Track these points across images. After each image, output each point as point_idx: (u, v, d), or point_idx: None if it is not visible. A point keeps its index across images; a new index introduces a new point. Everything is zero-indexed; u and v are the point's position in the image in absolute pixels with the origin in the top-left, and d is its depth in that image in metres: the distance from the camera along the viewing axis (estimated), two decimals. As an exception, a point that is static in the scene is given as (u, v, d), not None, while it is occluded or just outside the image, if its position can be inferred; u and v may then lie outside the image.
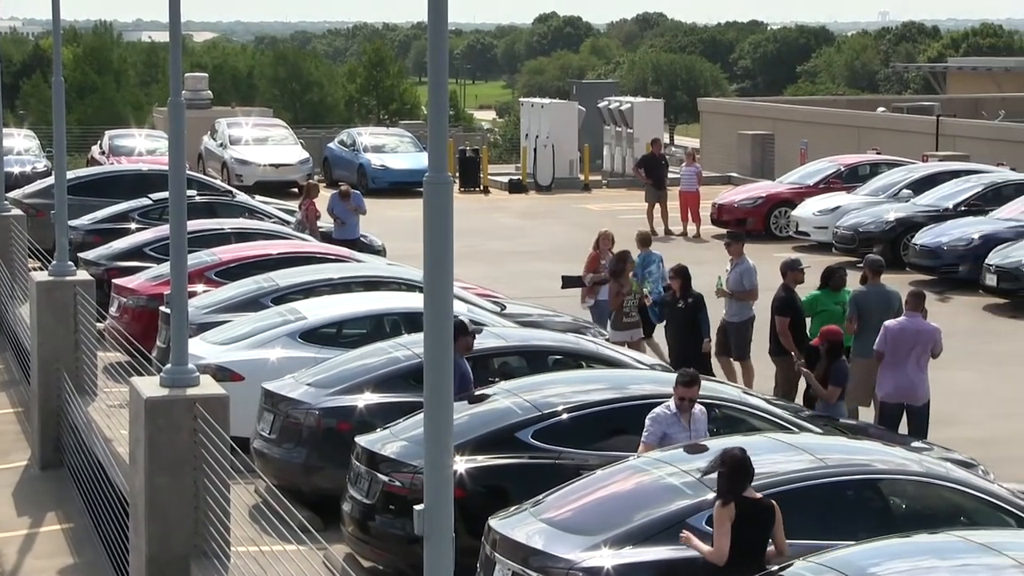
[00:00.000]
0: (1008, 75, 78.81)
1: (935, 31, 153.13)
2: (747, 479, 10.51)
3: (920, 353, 16.91)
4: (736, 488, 10.45)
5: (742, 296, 20.24)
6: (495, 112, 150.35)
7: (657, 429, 12.68)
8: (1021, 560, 9.31)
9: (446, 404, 7.75)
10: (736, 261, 20.53)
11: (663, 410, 12.81)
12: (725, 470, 10.53)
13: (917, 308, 17.08)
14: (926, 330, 16.97)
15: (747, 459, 10.56)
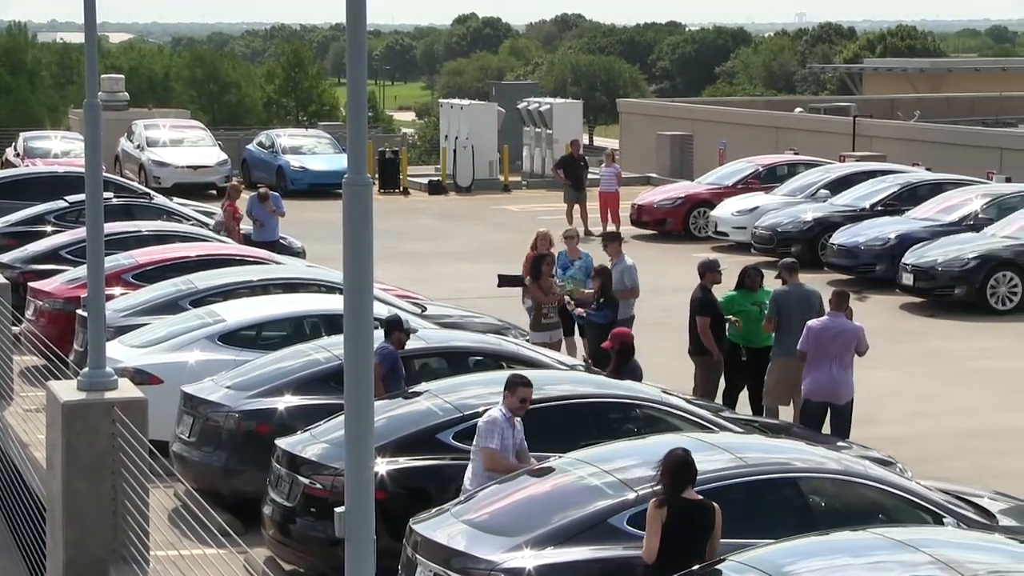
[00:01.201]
0: (923, 76, 79.60)
1: (851, 32, 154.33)
2: (688, 480, 10.48)
3: (842, 352, 17.02)
4: (676, 488, 10.43)
5: (624, 295, 20.32)
6: (414, 113, 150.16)
7: (498, 432, 12.54)
8: (937, 556, 9.40)
9: (366, 406, 7.73)
10: (615, 260, 20.62)
11: (498, 414, 12.64)
12: (666, 469, 10.50)
13: (840, 307, 17.20)
14: (848, 329, 17.09)
15: (689, 460, 10.53)
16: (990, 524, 11.73)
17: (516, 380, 12.81)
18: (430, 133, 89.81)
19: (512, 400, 12.66)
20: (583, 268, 21.39)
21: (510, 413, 12.63)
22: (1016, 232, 27.48)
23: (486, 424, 12.58)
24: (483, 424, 12.61)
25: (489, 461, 12.40)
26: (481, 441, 12.52)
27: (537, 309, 20.70)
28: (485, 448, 12.47)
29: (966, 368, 22.77)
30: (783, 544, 10.00)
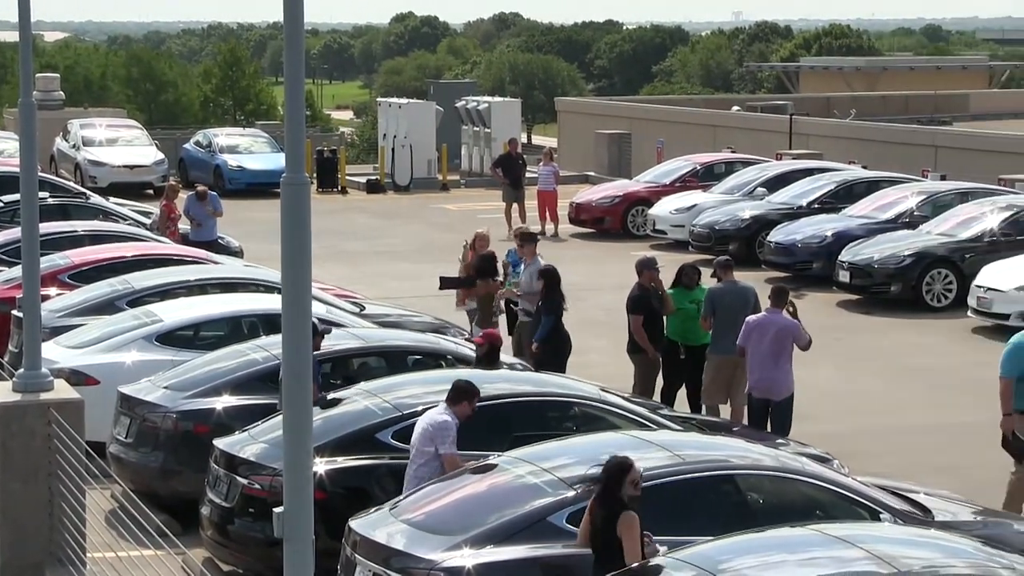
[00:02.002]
0: (858, 74, 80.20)
1: (787, 31, 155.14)
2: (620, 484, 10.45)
3: (779, 348, 17.11)
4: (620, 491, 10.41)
5: (532, 298, 20.35)
6: (352, 112, 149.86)
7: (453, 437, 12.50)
8: (873, 552, 9.47)
9: (305, 406, 7.72)
10: (528, 261, 20.63)
11: (449, 418, 12.58)
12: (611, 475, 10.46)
13: (779, 304, 17.29)
14: (784, 325, 17.19)
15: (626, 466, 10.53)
16: (926, 519, 11.82)
17: (468, 388, 12.77)
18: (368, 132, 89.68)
19: (462, 407, 12.62)
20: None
21: (457, 420, 12.58)
22: (951, 229, 27.70)
23: (440, 429, 12.50)
24: (436, 429, 12.53)
25: (453, 467, 12.36)
26: (443, 447, 12.46)
27: (487, 307, 20.69)
28: (448, 455, 12.43)
29: (902, 365, 22.93)
30: (721, 541, 10.05)
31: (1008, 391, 14.87)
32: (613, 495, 10.38)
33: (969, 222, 27.77)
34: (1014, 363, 14.88)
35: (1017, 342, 15.00)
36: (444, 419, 12.58)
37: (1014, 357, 14.91)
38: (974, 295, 25.24)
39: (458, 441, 12.65)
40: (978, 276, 25.43)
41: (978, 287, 25.17)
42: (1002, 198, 29.04)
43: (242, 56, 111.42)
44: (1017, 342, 15.00)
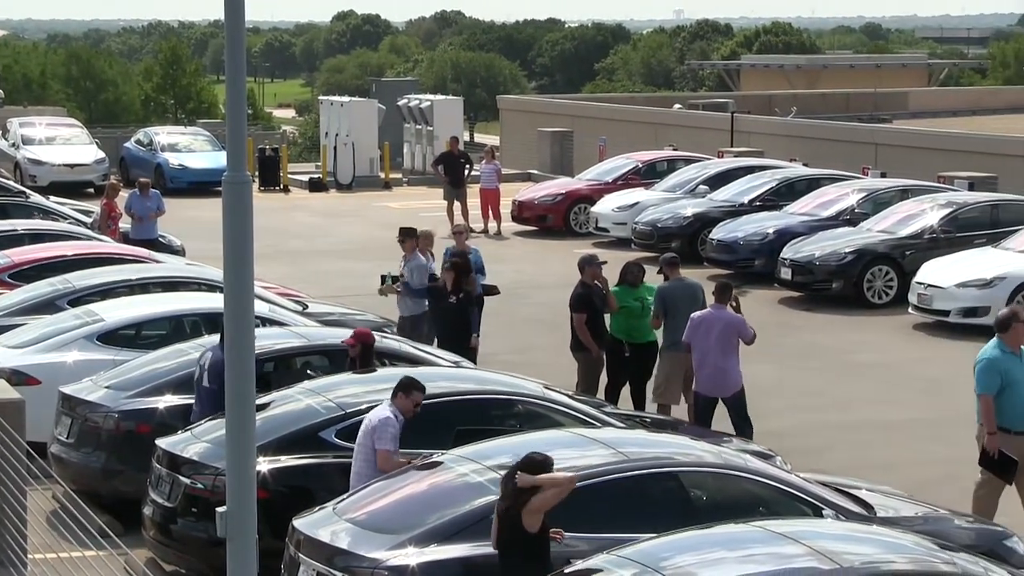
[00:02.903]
0: (799, 72, 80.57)
1: (728, 29, 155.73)
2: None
3: (725, 344, 17.18)
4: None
5: (416, 293, 20.41)
6: (294, 110, 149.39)
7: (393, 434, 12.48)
8: (815, 548, 9.52)
9: (248, 405, 7.70)
10: (409, 257, 20.67)
11: (391, 414, 12.55)
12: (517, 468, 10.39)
13: (723, 300, 17.38)
14: (730, 320, 17.28)
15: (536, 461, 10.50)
16: (868, 516, 11.89)
17: (412, 384, 12.75)
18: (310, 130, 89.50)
19: (406, 403, 12.61)
20: (472, 262, 21.41)
21: (402, 416, 12.58)
22: (892, 227, 27.87)
23: (381, 425, 12.49)
24: (378, 424, 12.52)
25: (385, 463, 12.35)
26: (379, 443, 12.45)
27: None
28: (382, 451, 12.41)
29: (843, 361, 23.06)
30: (663, 538, 10.08)
31: (990, 408, 14.35)
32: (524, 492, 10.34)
33: (909, 219, 27.96)
34: (991, 378, 14.35)
35: (990, 356, 14.43)
36: (385, 415, 12.55)
37: (990, 372, 14.37)
38: (915, 292, 25.41)
39: (402, 439, 12.64)
40: (918, 273, 25.61)
41: (918, 284, 25.35)
42: (942, 195, 29.26)
43: (183, 54, 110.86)
44: (990, 356, 14.43)
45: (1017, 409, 14.33)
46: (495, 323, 22.92)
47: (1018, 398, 14.32)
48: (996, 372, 14.31)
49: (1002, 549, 11.96)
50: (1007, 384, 14.30)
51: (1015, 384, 14.30)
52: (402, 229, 21.23)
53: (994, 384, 14.32)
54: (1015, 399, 14.31)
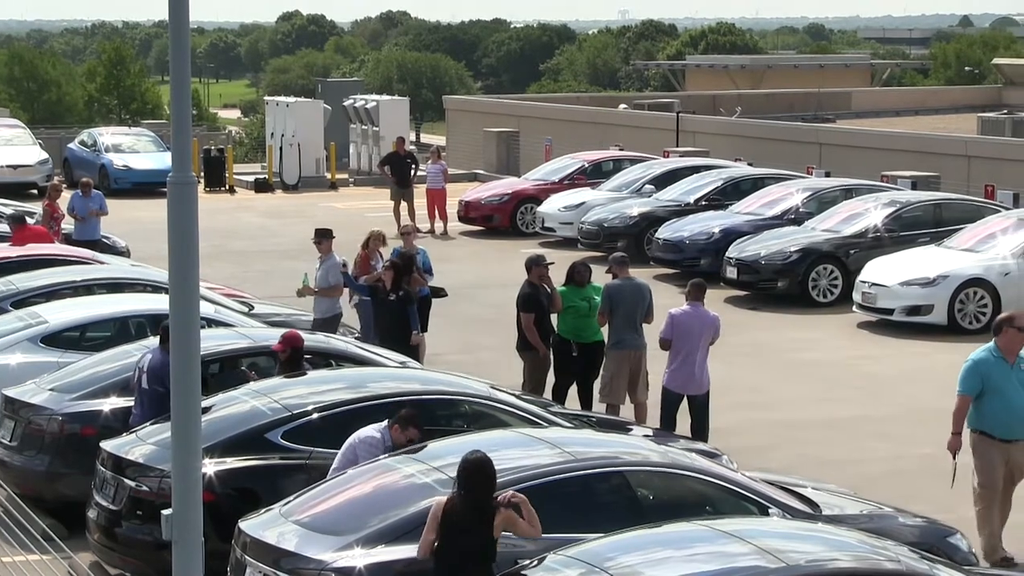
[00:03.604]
0: (744, 72, 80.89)
1: (673, 29, 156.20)
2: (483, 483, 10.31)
3: (705, 342, 17.33)
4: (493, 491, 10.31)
5: (327, 293, 20.38)
6: (240, 111, 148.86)
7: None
8: (761, 546, 9.56)
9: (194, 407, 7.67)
10: (324, 258, 20.65)
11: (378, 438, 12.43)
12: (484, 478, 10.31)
13: (699, 298, 17.45)
14: (710, 319, 17.40)
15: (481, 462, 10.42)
16: (814, 514, 11.94)
17: (411, 421, 12.52)
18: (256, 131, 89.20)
19: (400, 437, 12.45)
20: (420, 263, 21.41)
21: (392, 445, 12.43)
22: (836, 226, 28.01)
23: (368, 448, 12.40)
24: (363, 447, 12.43)
25: None
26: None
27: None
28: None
29: (789, 360, 23.16)
30: (610, 538, 10.09)
31: (962, 410, 14.05)
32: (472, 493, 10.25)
33: (853, 218, 28.12)
34: (973, 380, 14.01)
35: (976, 358, 14.10)
36: (374, 436, 12.44)
37: (972, 373, 14.02)
38: (859, 290, 25.55)
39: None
40: (863, 271, 25.76)
41: (863, 282, 25.49)
42: (885, 194, 29.44)
43: (127, 55, 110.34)
44: (976, 358, 14.10)
45: (1000, 415, 14.00)
46: (442, 323, 22.91)
47: (1003, 404, 13.98)
48: (978, 375, 14.00)
49: (946, 546, 12.04)
50: (991, 389, 13.96)
51: (1001, 390, 13.97)
52: (317, 230, 21.12)
53: (973, 386, 14.00)
54: (1000, 405, 13.97)
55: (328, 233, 21.01)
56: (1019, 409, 13.97)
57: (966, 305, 24.72)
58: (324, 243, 20.85)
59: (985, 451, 14.07)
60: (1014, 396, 13.95)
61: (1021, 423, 14.03)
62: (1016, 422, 14.00)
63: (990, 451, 14.04)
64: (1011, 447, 14.05)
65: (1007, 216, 26.85)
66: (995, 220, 26.68)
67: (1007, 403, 13.95)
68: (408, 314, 19.37)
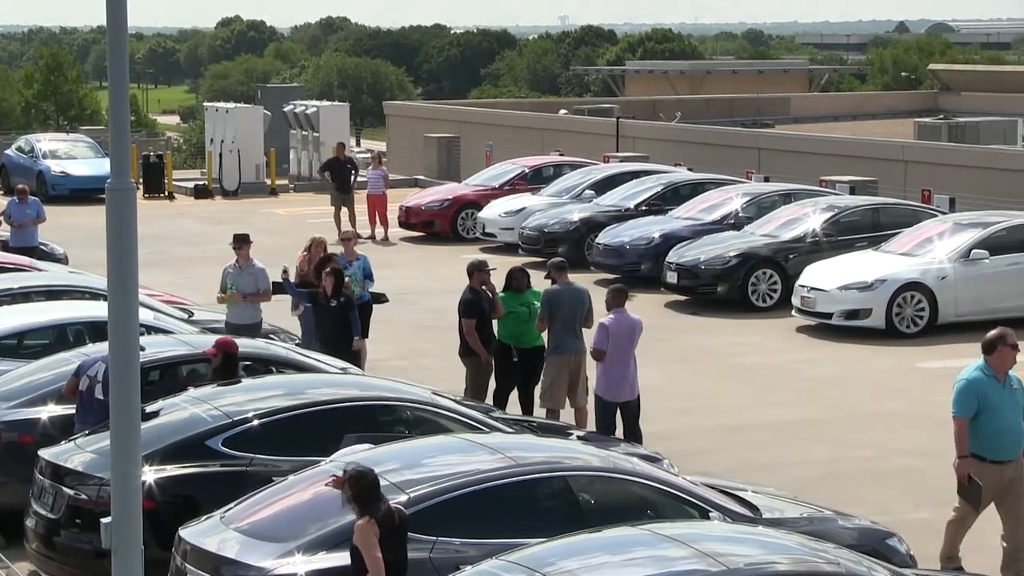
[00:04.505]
0: (683, 78, 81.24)
1: (612, 35, 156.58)
2: (378, 489, 10.23)
3: (632, 347, 17.37)
4: (372, 501, 10.18)
5: (256, 298, 20.30)
6: (179, 117, 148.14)
7: None
8: (701, 550, 9.60)
9: (133, 414, 7.64)
10: (245, 264, 20.52)
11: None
12: (360, 489, 10.18)
13: (622, 304, 17.49)
14: (636, 323, 17.46)
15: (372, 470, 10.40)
16: (754, 517, 12.00)
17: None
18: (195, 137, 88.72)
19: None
20: (361, 269, 21.36)
21: None
22: (775, 230, 28.16)
23: None
24: None
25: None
26: None
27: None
28: None
29: (729, 364, 23.26)
30: (551, 543, 10.10)
31: (963, 432, 13.40)
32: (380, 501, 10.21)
33: (792, 223, 28.27)
34: (968, 401, 13.39)
35: (969, 377, 13.49)
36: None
37: (968, 394, 13.40)
38: (798, 295, 25.70)
39: (288, 447, 12.58)
40: (801, 276, 25.90)
41: (802, 287, 25.63)
42: (823, 199, 29.62)
43: (65, 60, 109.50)
44: (969, 377, 13.49)
45: (991, 437, 13.43)
46: (383, 329, 22.88)
47: (994, 425, 13.40)
48: (973, 395, 13.39)
49: (885, 548, 12.13)
50: (984, 409, 13.39)
51: (993, 410, 13.40)
52: (236, 235, 20.79)
53: (970, 407, 13.40)
54: (991, 426, 13.41)
55: (247, 238, 20.74)
56: (1012, 429, 13.44)
57: (904, 309, 24.90)
58: (243, 248, 20.58)
59: (976, 474, 13.45)
60: (1008, 416, 13.43)
61: (1014, 444, 13.50)
62: (1009, 443, 13.47)
63: (982, 475, 13.42)
64: (1004, 468, 13.50)
65: (944, 220, 27.07)
66: (932, 224, 26.90)
67: (1001, 423, 13.40)
68: (349, 320, 19.33)
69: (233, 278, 20.34)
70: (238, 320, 20.04)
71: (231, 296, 20.24)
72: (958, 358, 23.35)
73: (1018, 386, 13.58)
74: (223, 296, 20.39)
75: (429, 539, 10.98)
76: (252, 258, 20.55)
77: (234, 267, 20.49)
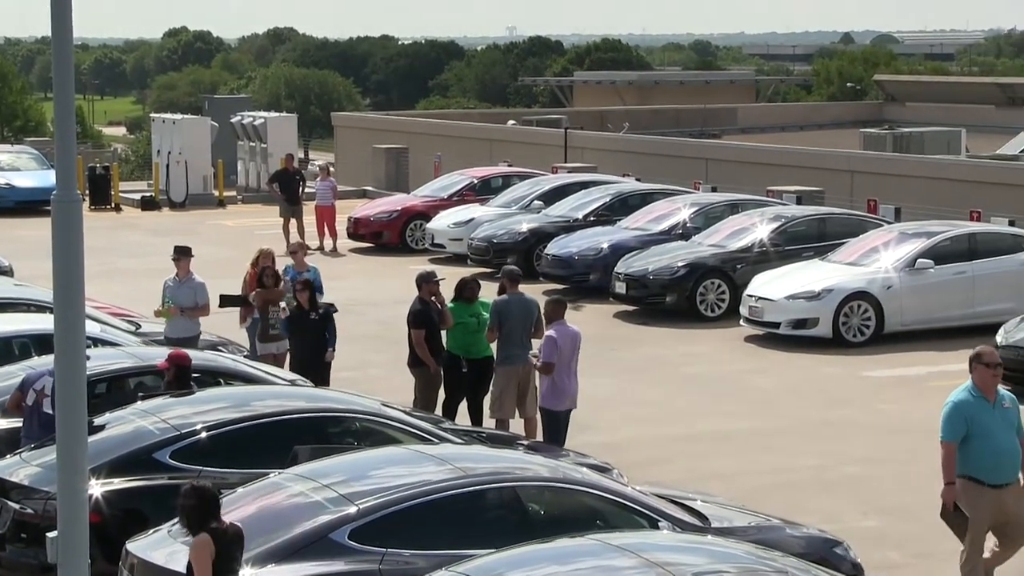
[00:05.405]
0: (631, 89, 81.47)
1: (559, 46, 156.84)
2: (217, 507, 10.16)
3: (575, 358, 17.40)
4: (208, 518, 10.08)
5: (196, 313, 20.23)
6: (126, 128, 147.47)
7: None
8: (650, 559, 9.60)
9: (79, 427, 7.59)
10: (185, 278, 20.42)
11: None
12: (195, 503, 10.09)
13: (561, 315, 17.53)
14: (577, 334, 17.52)
15: (212, 487, 10.33)
16: (703, 526, 12.03)
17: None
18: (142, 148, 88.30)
19: None
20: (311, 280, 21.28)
21: None
22: (723, 240, 28.25)
23: None
24: None
25: None
26: None
27: (264, 320, 20.47)
28: None
29: (678, 374, 23.31)
30: (501, 553, 10.10)
31: (951, 457, 12.83)
32: (212, 519, 10.12)
33: (740, 233, 28.38)
34: (955, 424, 12.86)
35: (956, 400, 12.96)
36: None
37: (955, 417, 12.86)
38: (746, 304, 25.79)
39: (238, 460, 12.53)
40: (749, 286, 26.00)
41: (749, 296, 25.73)
42: (770, 209, 29.75)
43: (9, 72, 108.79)
44: (956, 400, 12.96)
45: (987, 459, 12.88)
46: (331, 341, 22.80)
47: (990, 446, 12.87)
48: (961, 418, 12.86)
49: (833, 556, 12.17)
50: (976, 432, 12.84)
51: (984, 432, 12.86)
52: (177, 247, 20.65)
53: (957, 431, 12.85)
54: (986, 448, 12.87)
55: (188, 250, 20.64)
56: (1007, 451, 12.93)
57: (850, 318, 25.03)
58: (183, 260, 20.49)
59: (975, 499, 12.89)
60: (1000, 437, 12.90)
61: (1010, 465, 12.98)
62: (1006, 465, 12.95)
63: (980, 499, 12.89)
64: (1002, 492, 12.94)
65: (889, 230, 27.23)
66: (878, 234, 27.06)
67: (994, 445, 12.87)
68: (327, 332, 19.42)
69: (172, 291, 20.25)
70: (175, 334, 19.84)
71: (168, 310, 20.11)
72: (904, 367, 23.55)
73: (1011, 405, 13.04)
74: (160, 310, 20.28)
75: (379, 551, 10.96)
76: (192, 272, 20.45)
77: (174, 280, 20.41)
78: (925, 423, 19.76)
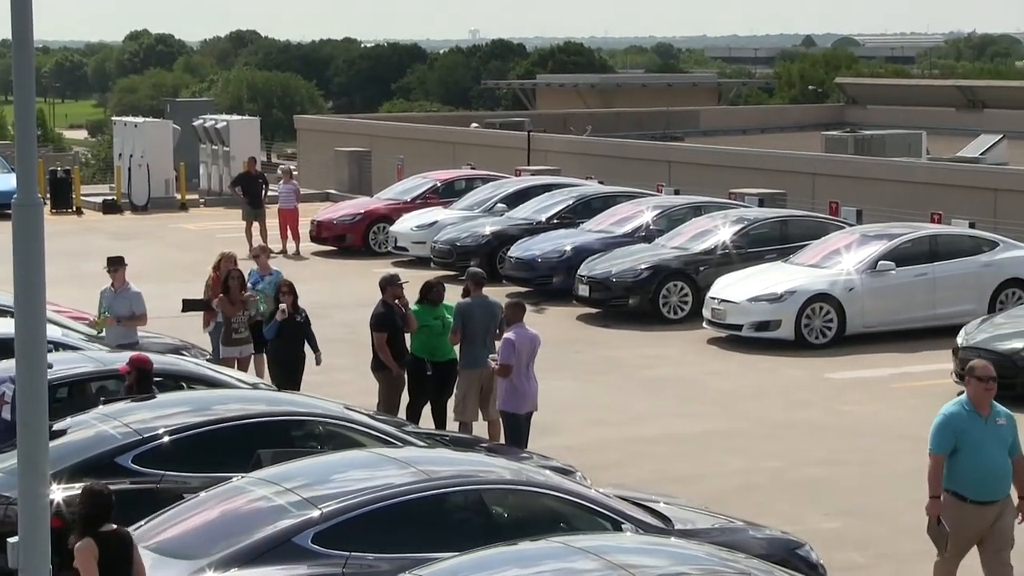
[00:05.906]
0: (594, 91, 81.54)
1: (522, 49, 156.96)
2: (108, 512, 10.17)
3: (532, 361, 17.41)
4: (96, 522, 10.10)
5: (133, 322, 20.17)
6: (87, 131, 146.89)
7: None
8: (613, 561, 9.62)
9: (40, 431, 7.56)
10: (121, 288, 20.39)
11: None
12: (83, 509, 10.12)
13: (520, 318, 17.53)
14: (535, 337, 17.51)
15: (108, 492, 10.30)
16: (666, 528, 12.05)
17: None
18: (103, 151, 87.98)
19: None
20: (273, 283, 21.25)
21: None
22: (686, 243, 28.33)
23: None
24: None
25: None
26: None
27: (227, 324, 20.43)
28: None
29: (641, 376, 23.35)
30: (464, 556, 10.10)
31: (938, 469, 12.45)
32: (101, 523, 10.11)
33: (702, 235, 28.45)
34: (943, 437, 12.49)
35: (947, 412, 12.60)
36: None
37: (944, 430, 12.50)
38: (709, 307, 25.86)
39: (199, 464, 12.49)
40: (712, 288, 26.07)
41: (712, 299, 25.80)
42: (733, 211, 29.84)
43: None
44: (947, 412, 12.60)
45: (970, 474, 12.49)
46: (294, 344, 22.75)
47: (977, 462, 12.49)
48: (950, 430, 12.48)
49: (795, 558, 12.21)
50: (965, 446, 12.46)
51: (973, 447, 12.48)
52: (110, 258, 20.55)
53: (945, 444, 12.47)
54: (973, 463, 12.49)
55: (121, 260, 20.61)
56: (995, 468, 12.53)
57: (812, 320, 25.12)
58: (119, 271, 20.47)
59: (957, 515, 12.52)
60: (990, 454, 12.51)
61: (997, 483, 12.58)
62: (991, 482, 12.55)
63: (962, 515, 12.52)
64: (985, 510, 12.55)
65: (851, 232, 27.34)
66: (839, 236, 27.17)
67: (982, 461, 12.48)
68: (310, 335, 19.59)
69: (108, 301, 20.22)
70: (113, 343, 19.71)
71: (103, 320, 20.04)
72: (866, 368, 23.65)
73: (1005, 421, 12.64)
74: (96, 320, 20.20)
75: (342, 554, 10.95)
76: (128, 282, 20.45)
77: (110, 290, 20.37)
78: (886, 425, 19.87)
